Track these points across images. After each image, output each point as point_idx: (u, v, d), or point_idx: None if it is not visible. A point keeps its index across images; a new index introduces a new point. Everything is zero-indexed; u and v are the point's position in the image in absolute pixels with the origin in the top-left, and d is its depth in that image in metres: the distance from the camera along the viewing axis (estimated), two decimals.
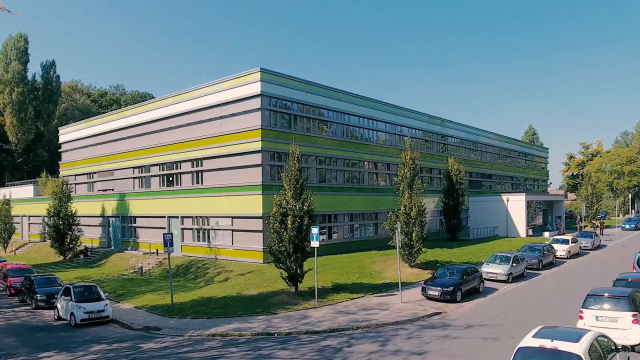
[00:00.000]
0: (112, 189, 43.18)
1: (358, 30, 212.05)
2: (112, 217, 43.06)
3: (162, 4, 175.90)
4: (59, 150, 51.93)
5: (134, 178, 40.51)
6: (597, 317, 13.67)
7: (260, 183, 29.89)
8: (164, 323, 20.10)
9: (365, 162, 39.20)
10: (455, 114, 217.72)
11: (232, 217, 31.82)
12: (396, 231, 23.04)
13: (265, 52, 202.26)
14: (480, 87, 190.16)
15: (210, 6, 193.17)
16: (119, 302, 24.57)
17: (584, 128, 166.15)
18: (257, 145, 30.00)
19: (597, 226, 56.77)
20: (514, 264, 27.49)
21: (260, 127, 30.06)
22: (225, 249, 32.42)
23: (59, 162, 51.67)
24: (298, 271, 22.80)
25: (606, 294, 14.12)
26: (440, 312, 20.48)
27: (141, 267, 32.96)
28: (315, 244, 21.90)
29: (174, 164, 36.55)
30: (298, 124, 33.21)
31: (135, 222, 40.37)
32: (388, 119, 41.78)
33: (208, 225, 33.69)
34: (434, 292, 22.27)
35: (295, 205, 22.37)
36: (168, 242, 22.59)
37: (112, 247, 42.53)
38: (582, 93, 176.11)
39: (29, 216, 54.56)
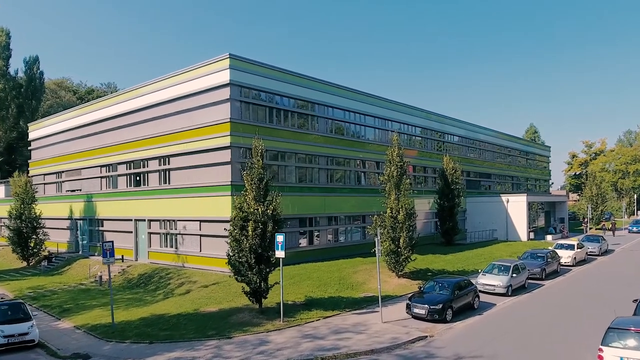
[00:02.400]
0: (80, 190, 39.97)
1: (358, 30, 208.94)
2: (79, 219, 39.85)
3: (162, 3, 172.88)
4: (29, 148, 48.73)
5: (101, 177, 37.29)
6: (622, 359, 10.40)
7: (230, 183, 26.66)
8: (97, 349, 16.88)
9: (353, 160, 35.93)
10: (454, 113, 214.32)
11: (201, 221, 28.60)
12: (376, 239, 19.73)
13: (266, 51, 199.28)
14: (480, 86, 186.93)
15: (210, 6, 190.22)
16: (59, 320, 21.37)
17: (584, 127, 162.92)
18: (226, 141, 26.75)
19: (607, 228, 53.61)
20: (514, 275, 24.27)
21: (229, 120, 26.83)
22: (194, 256, 29.19)
23: (29, 161, 48.50)
24: (262, 285, 19.55)
25: (633, 328, 10.85)
26: (426, 336, 17.23)
27: (101, 276, 29.74)
28: (280, 254, 18.66)
29: (141, 162, 33.33)
30: (274, 117, 29.95)
31: (102, 226, 37.15)
32: (379, 114, 38.54)
33: (175, 229, 30.47)
34: (420, 310, 19.03)
35: (258, 209, 19.14)
36: (108, 252, 19.35)
37: (80, 252, 39.29)
38: (583, 92, 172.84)
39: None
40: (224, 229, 20.75)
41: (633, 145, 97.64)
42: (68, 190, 41.75)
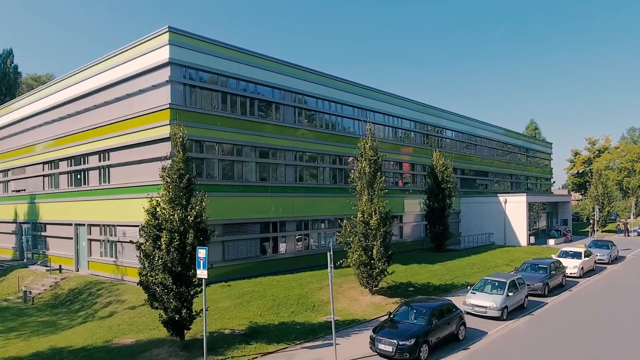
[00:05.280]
0: (24, 189, 35.56)
1: (357, 29, 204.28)
2: (24, 223, 35.45)
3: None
4: None
5: (44, 176, 32.86)
6: None
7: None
8: None
9: (327, 156, 31.48)
10: (451, 110, 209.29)
11: (140, 227, 24.10)
12: (328, 254, 15.28)
13: (271, 49, 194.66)
14: (479, 85, 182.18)
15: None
16: None
17: (585, 127, 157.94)
18: (165, 131, 22.32)
19: (622, 229, 49.35)
20: (510, 293, 19.84)
21: (168, 106, 22.41)
22: (133, 268, 24.61)
23: None
24: (183, 313, 15.10)
25: None
26: None
27: (26, 291, 25.33)
28: (202, 273, 14.23)
29: (81, 158, 28.92)
30: (229, 104, 25.51)
31: (45, 230, 32.74)
32: (359, 103, 34.09)
33: (115, 236, 26.04)
34: (387, 346, 14.60)
35: (174, 215, 14.72)
36: None
37: (25, 260, 34.88)
38: (583, 90, 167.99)
39: None
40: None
41: (638, 143, 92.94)
42: (14, 191, 37.36)
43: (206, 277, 14.28)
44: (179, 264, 14.76)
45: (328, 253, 15.07)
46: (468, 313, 19.40)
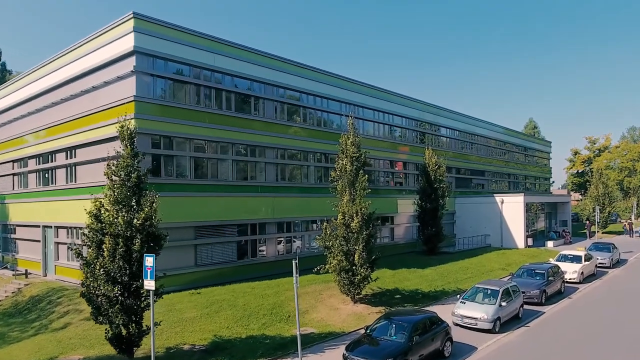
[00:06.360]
0: None
1: (357, 29, 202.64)
2: None
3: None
4: None
5: (13, 175, 31.11)
6: None
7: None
8: None
9: (312, 154, 29.72)
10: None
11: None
12: (293, 261, 13.53)
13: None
14: (479, 85, 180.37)
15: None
16: None
17: (585, 125, 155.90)
18: (130, 126, 20.46)
19: (629, 230, 47.81)
20: (504, 302, 18.09)
21: (133, 98, 20.66)
22: None
23: None
24: (131, 328, 13.37)
25: None
26: None
27: None
28: (149, 284, 12.48)
29: (49, 156, 27.18)
30: (202, 97, 23.75)
31: (15, 232, 30.98)
32: (347, 98, 32.33)
33: (81, 239, 24.23)
34: None
35: (118, 218, 12.99)
36: None
37: None
38: (583, 90, 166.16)
39: None
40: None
41: (638, 142, 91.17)
42: None
43: (154, 288, 12.52)
44: (126, 273, 13.02)
45: (293, 261, 13.33)
46: (457, 325, 17.71)
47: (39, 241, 27.61)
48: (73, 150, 24.90)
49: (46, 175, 27.70)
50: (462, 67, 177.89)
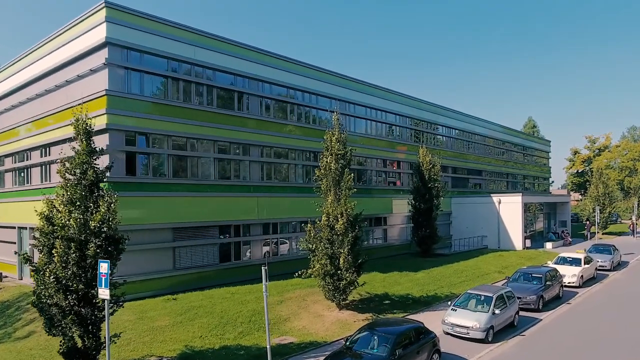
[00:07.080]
0: None
1: (357, 29, 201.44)
2: None
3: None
4: None
5: None
6: None
7: (106, 181, 19.25)
8: None
9: (300, 152, 28.54)
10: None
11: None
12: (262, 268, 12.36)
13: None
14: (479, 85, 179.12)
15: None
16: None
17: (585, 125, 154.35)
18: (102, 122, 19.36)
19: (632, 231, 46.73)
20: (497, 310, 16.92)
21: (105, 93, 19.49)
22: None
23: None
24: (87, 341, 12.21)
25: None
26: None
27: None
28: (104, 293, 11.31)
29: (24, 154, 26.04)
30: (181, 92, 22.56)
31: None
32: (338, 95, 31.16)
33: None
34: None
35: (70, 220, 11.83)
36: None
37: None
38: (583, 90, 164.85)
39: None
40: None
41: (639, 142, 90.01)
42: None
43: (108, 297, 11.36)
44: (80, 280, 11.86)
45: (263, 267, 12.13)
46: (447, 334, 16.56)
47: (15, 243, 26.46)
48: (48, 148, 23.76)
49: (22, 174, 26.56)
50: (462, 67, 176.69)
